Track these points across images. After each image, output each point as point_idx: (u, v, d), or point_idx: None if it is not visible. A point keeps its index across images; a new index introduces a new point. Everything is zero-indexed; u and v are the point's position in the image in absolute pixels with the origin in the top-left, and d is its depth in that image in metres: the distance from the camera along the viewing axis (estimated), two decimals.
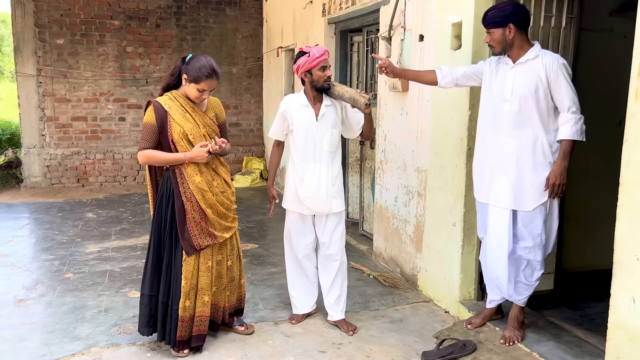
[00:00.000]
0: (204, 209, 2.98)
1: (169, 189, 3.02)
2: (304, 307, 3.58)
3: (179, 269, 3.00)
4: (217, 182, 3.07)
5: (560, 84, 2.85)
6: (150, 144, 2.96)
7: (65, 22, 8.00)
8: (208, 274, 3.06)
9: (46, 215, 6.47)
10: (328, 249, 3.43)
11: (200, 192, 2.97)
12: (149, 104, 2.98)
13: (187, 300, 2.99)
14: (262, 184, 8.54)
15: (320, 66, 3.23)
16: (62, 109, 8.15)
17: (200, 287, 3.04)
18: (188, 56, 3.01)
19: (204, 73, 2.91)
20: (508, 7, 2.92)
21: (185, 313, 2.99)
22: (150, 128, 2.95)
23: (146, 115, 2.97)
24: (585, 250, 4.16)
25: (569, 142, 2.87)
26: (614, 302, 2.35)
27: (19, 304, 3.81)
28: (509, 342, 3.06)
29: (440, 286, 3.82)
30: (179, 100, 2.99)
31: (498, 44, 2.96)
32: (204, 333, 3.08)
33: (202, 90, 2.95)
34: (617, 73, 3.56)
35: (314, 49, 3.25)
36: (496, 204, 3.04)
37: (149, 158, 2.97)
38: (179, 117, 2.95)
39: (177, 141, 2.95)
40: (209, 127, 3.05)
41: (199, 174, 2.98)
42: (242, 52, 8.84)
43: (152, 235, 3.08)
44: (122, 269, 4.54)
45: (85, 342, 3.23)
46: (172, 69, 3.07)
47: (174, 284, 3.02)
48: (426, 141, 3.96)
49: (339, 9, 5.54)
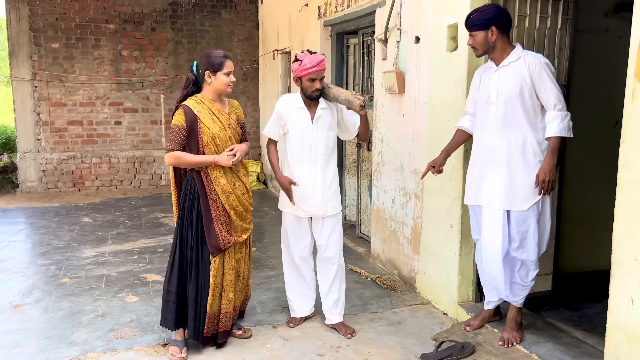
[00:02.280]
0: (228, 210, 3.08)
1: (193, 190, 3.09)
2: (301, 310, 3.57)
3: (207, 267, 3.08)
4: (239, 184, 3.17)
5: (544, 83, 2.89)
6: (179, 145, 3.03)
7: (61, 26, 7.98)
8: (232, 272, 3.16)
9: (42, 219, 6.44)
10: (325, 251, 3.42)
11: (225, 193, 3.07)
12: (177, 107, 3.06)
13: (213, 297, 3.09)
14: (259, 186, 8.53)
15: (309, 77, 3.19)
16: (57, 113, 8.12)
17: (225, 284, 3.14)
18: (193, 64, 3.12)
19: (221, 55, 3.04)
20: (490, 10, 2.96)
21: (211, 310, 3.09)
22: (180, 130, 3.01)
23: (175, 118, 3.03)
24: (583, 251, 4.16)
25: (557, 139, 2.90)
26: (613, 303, 2.35)
27: (15, 310, 3.78)
28: (508, 343, 3.06)
29: (438, 288, 3.82)
30: (205, 104, 3.06)
31: (481, 46, 2.99)
32: (228, 329, 3.20)
33: (229, 73, 3.05)
34: (613, 74, 3.58)
35: (307, 58, 3.19)
36: (489, 206, 3.05)
37: (177, 159, 3.04)
38: (208, 121, 3.03)
39: (206, 144, 3.04)
40: (233, 129, 3.15)
41: (224, 176, 3.08)
42: (238, 55, 8.83)
43: (177, 233, 3.13)
44: (119, 273, 4.52)
45: (82, 348, 3.21)
46: (184, 83, 3.15)
47: (202, 281, 3.09)
48: (423, 143, 3.96)
49: (335, 11, 5.54)
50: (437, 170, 3.28)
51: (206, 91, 3.10)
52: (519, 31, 3.36)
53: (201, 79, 3.08)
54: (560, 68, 3.52)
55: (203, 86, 3.10)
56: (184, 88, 3.14)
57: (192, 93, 3.11)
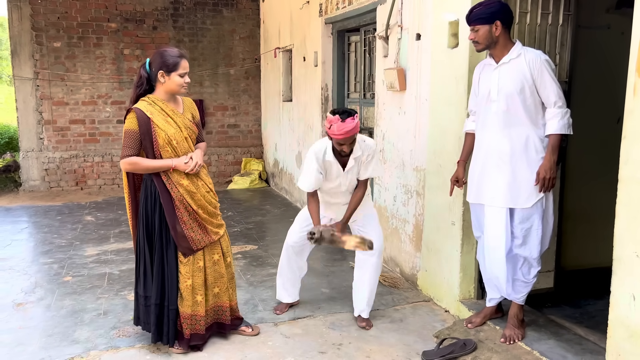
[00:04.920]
0: (195, 210, 3.00)
1: (153, 194, 3.01)
2: (282, 296, 3.71)
3: (174, 270, 3.02)
4: (201, 182, 3.09)
5: (545, 80, 2.88)
6: (134, 151, 2.93)
7: (62, 25, 7.99)
8: (200, 274, 3.08)
9: (45, 218, 6.45)
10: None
11: (189, 194, 2.99)
12: (129, 111, 2.94)
13: (186, 299, 3.04)
14: (260, 185, 8.53)
15: (337, 142, 3.18)
16: (59, 112, 8.13)
17: (193, 287, 3.06)
18: (146, 61, 3.00)
19: (177, 55, 2.94)
20: (495, 4, 2.94)
21: (184, 310, 3.05)
22: (133, 135, 2.91)
23: (127, 123, 2.92)
24: (585, 247, 4.15)
25: (557, 136, 2.90)
26: (614, 300, 2.34)
27: (18, 308, 3.79)
28: (510, 340, 3.05)
29: (440, 285, 3.81)
30: (158, 105, 2.96)
31: (484, 40, 2.96)
32: (200, 332, 3.11)
33: (184, 74, 2.95)
34: (615, 70, 3.56)
35: (335, 125, 3.08)
36: (492, 204, 3.04)
37: (134, 165, 2.94)
38: (162, 123, 2.93)
39: (163, 146, 2.94)
40: (189, 129, 3.05)
41: (185, 177, 2.99)
42: (240, 53, 8.83)
43: (139, 239, 3.08)
44: (121, 271, 4.53)
45: (84, 346, 3.21)
46: (136, 81, 3.02)
47: (168, 285, 3.04)
48: (424, 140, 3.96)
49: (336, 8, 5.53)
50: (461, 184, 3.28)
51: (159, 91, 2.98)
52: (520, 27, 3.35)
53: (154, 78, 2.96)
54: (561, 65, 3.51)
55: (156, 86, 2.97)
56: (136, 87, 2.99)
57: (144, 93, 2.99)
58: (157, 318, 3.07)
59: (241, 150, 9.03)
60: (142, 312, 3.16)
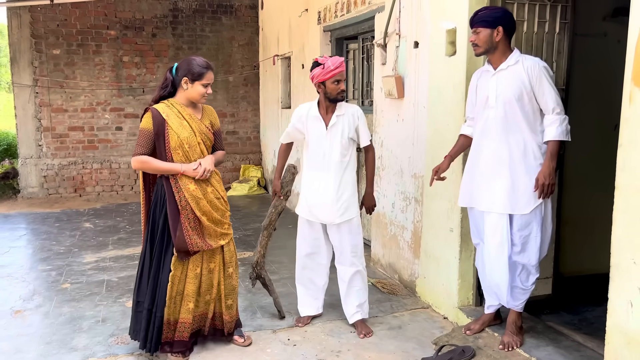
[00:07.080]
0: (199, 217, 3.00)
1: (162, 196, 3.03)
2: (303, 309, 3.63)
3: (167, 276, 3.01)
4: (211, 189, 3.08)
5: (543, 87, 2.90)
6: (146, 149, 2.97)
7: (62, 32, 8.01)
8: (195, 282, 3.07)
9: (43, 225, 6.45)
10: (341, 255, 3.47)
11: (194, 199, 2.98)
12: (146, 110, 3.00)
13: (173, 305, 3.02)
14: (259, 191, 8.54)
15: (334, 79, 3.23)
16: (58, 119, 8.15)
17: (186, 293, 3.05)
18: (174, 65, 3.05)
19: (204, 66, 3.00)
20: (499, 10, 3.00)
21: (168, 317, 3.03)
22: (147, 134, 2.96)
23: (143, 121, 2.99)
24: (583, 254, 4.16)
25: (556, 143, 2.91)
26: (612, 306, 2.35)
27: (16, 315, 3.78)
28: (508, 347, 3.06)
29: (439, 292, 3.81)
30: (176, 108, 3.01)
31: (484, 43, 2.99)
32: (185, 339, 3.09)
33: (207, 85, 3.01)
34: (612, 77, 3.57)
35: (329, 60, 3.23)
36: (492, 210, 3.05)
37: (143, 164, 2.99)
38: (176, 125, 2.97)
39: (174, 149, 2.97)
40: (205, 135, 3.07)
41: (193, 182, 3.00)
42: (239, 60, 8.86)
43: (146, 241, 3.09)
44: (120, 278, 4.53)
45: (83, 353, 3.21)
46: (162, 83, 3.09)
47: (159, 291, 3.03)
48: (422, 147, 3.97)
49: (334, 16, 5.56)
50: (439, 176, 3.28)
51: (180, 96, 3.03)
52: (518, 35, 3.37)
53: (178, 82, 3.02)
54: (558, 72, 3.53)
55: (178, 90, 3.04)
56: (161, 88, 3.06)
57: (168, 95, 3.05)
58: (147, 324, 3.05)
59: (240, 156, 9.05)
60: (132, 318, 3.14)
